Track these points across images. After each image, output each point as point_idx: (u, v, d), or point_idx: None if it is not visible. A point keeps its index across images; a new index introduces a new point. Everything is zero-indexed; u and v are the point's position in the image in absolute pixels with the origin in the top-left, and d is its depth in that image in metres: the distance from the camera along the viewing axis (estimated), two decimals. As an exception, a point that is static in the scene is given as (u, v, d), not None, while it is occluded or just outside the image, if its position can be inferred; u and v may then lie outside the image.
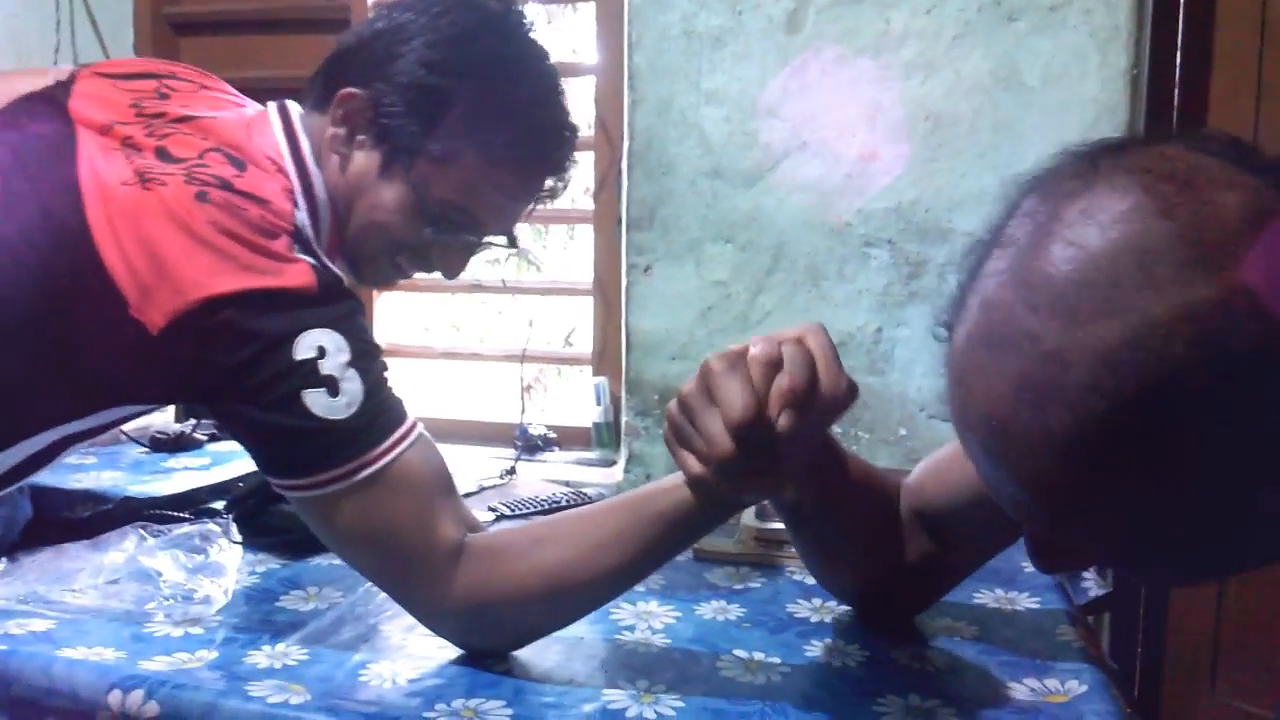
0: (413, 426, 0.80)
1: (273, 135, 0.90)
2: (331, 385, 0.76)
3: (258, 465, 0.83)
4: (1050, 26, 1.45)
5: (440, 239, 0.96)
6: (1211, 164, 0.49)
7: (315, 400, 0.76)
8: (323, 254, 0.83)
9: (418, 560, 0.78)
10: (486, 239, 1.01)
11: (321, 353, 0.77)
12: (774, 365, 0.67)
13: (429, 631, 0.82)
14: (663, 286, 1.65)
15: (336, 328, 0.78)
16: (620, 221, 1.69)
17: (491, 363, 2.00)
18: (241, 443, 0.83)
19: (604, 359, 1.79)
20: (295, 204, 0.84)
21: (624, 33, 1.65)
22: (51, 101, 0.87)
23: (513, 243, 1.03)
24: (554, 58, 0.99)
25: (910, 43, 1.50)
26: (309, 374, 0.76)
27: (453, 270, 1.01)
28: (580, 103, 1.04)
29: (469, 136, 0.93)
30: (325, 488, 0.77)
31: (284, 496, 0.81)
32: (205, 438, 1.55)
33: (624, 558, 0.77)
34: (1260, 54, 1.47)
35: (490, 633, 0.80)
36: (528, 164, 0.97)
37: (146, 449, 1.51)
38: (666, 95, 1.60)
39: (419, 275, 1.03)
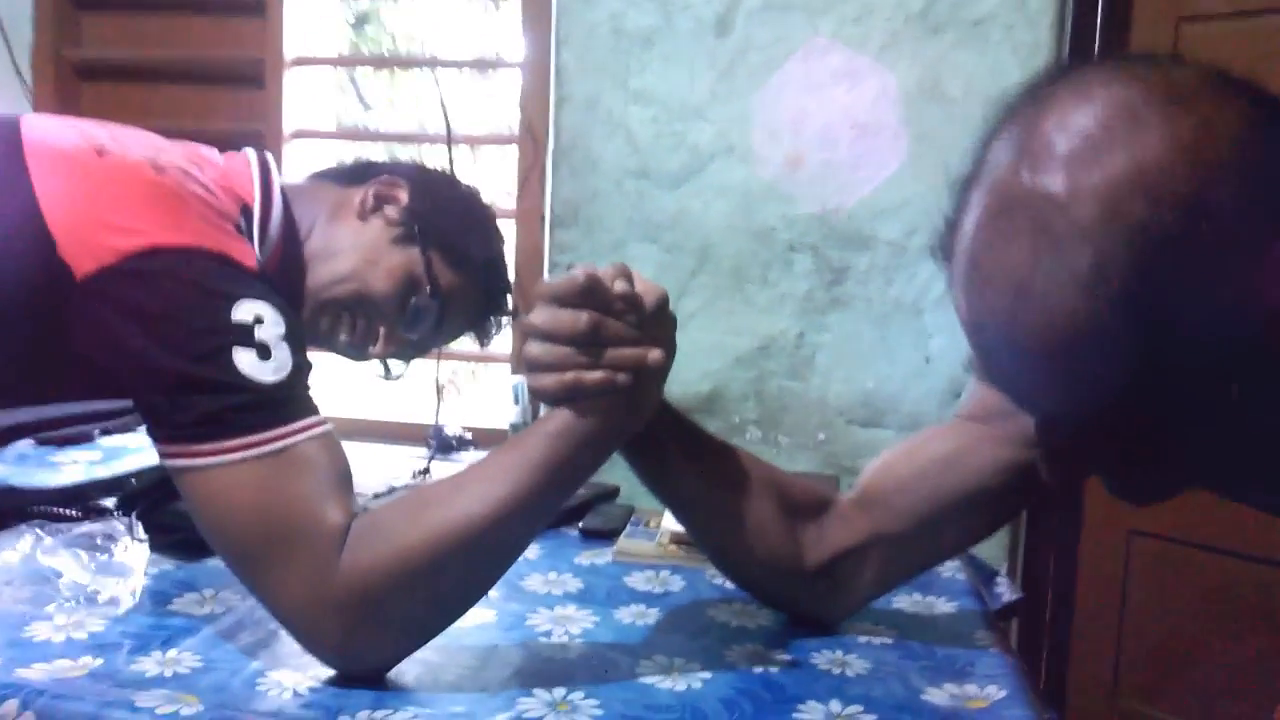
0: (324, 420, 0.79)
1: (246, 163, 0.97)
2: (263, 350, 0.76)
3: (157, 432, 0.77)
4: (974, 40, 1.48)
5: (406, 318, 1.05)
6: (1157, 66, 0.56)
7: (244, 359, 0.75)
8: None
9: (302, 541, 0.73)
10: (416, 346, 1.10)
11: (258, 320, 0.77)
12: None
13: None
14: (585, 286, 1.62)
15: (273, 305, 0.79)
16: (543, 219, 1.66)
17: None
18: (145, 403, 0.77)
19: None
20: (242, 212, 0.89)
21: (551, 29, 1.63)
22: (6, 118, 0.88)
23: (398, 364, 1.14)
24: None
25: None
26: (243, 334, 0.76)
27: (381, 351, 1.08)
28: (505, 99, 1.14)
29: (478, 258, 1.10)
30: (229, 455, 0.74)
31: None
32: (98, 431, 1.47)
33: (516, 485, 0.74)
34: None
35: (378, 626, 0.74)
36: (488, 307, 1.15)
37: (34, 442, 1.42)
38: (594, 93, 1.58)
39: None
